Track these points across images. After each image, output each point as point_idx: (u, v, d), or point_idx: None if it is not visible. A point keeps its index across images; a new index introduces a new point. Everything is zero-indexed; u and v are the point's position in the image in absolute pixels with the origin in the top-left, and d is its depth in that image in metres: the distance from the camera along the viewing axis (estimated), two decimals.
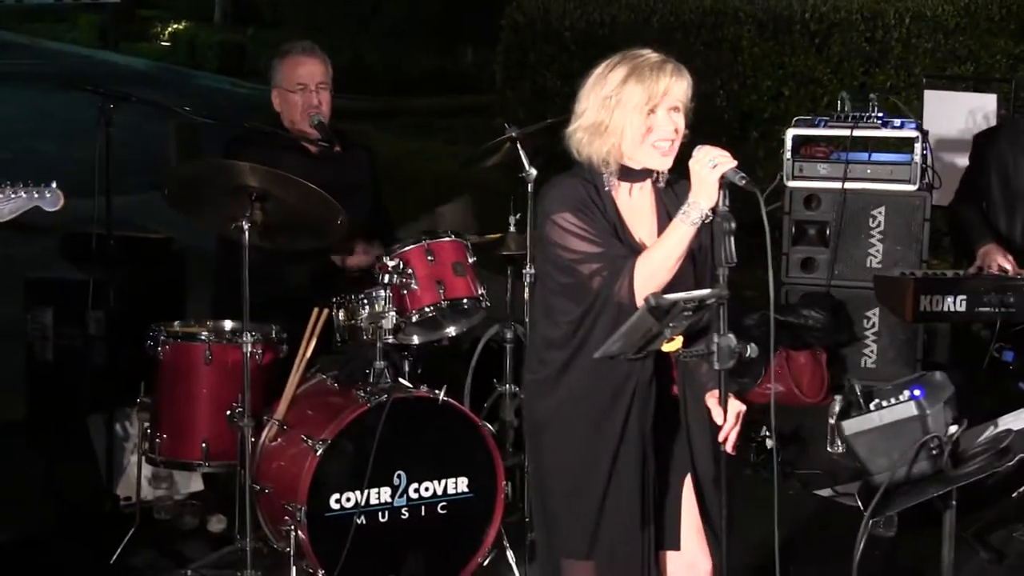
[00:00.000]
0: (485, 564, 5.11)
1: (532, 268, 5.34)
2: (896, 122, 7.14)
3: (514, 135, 5.47)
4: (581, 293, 3.79)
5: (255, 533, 5.02)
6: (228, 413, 5.10)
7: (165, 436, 5.23)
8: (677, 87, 3.75)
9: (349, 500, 4.91)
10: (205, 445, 5.17)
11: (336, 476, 4.90)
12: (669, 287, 3.66)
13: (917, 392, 4.06)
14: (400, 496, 4.99)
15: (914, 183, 7.05)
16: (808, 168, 7.18)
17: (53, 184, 4.51)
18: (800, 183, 7.20)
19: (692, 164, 3.63)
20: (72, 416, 5.90)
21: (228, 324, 5.36)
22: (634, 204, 3.86)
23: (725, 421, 3.70)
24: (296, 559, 4.87)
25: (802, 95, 10.43)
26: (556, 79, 11.35)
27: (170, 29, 22.74)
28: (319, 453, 4.84)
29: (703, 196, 3.61)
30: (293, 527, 4.84)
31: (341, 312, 5.18)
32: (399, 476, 4.98)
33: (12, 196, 4.45)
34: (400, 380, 5.13)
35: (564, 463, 3.90)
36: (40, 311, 6.21)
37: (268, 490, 5.01)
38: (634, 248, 3.78)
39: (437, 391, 5.01)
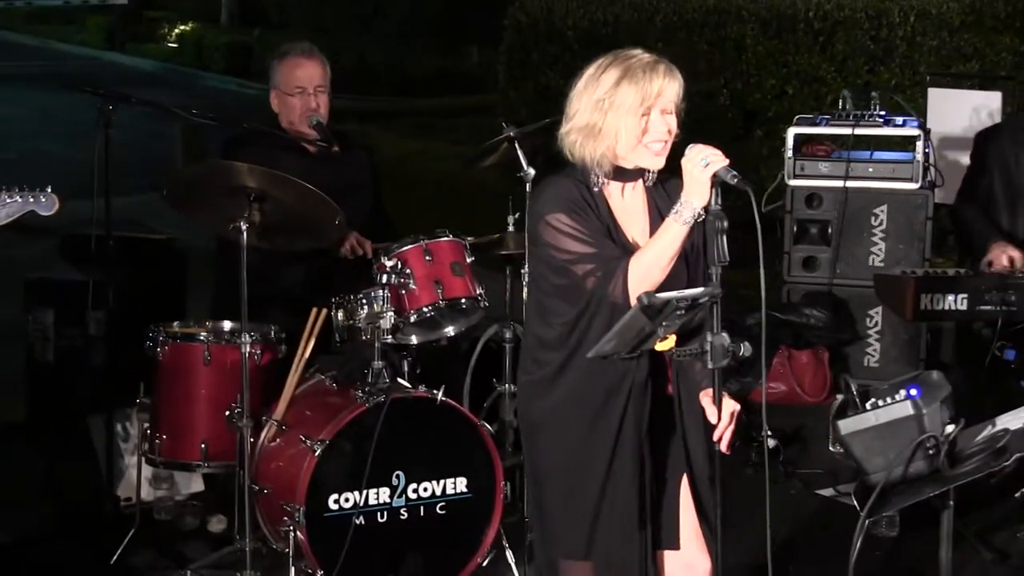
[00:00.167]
0: (484, 564, 5.09)
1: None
2: (898, 120, 7.13)
3: (512, 134, 5.47)
4: (575, 294, 3.77)
5: (254, 534, 5.02)
6: (227, 414, 5.10)
7: (164, 437, 5.24)
8: (670, 88, 3.74)
9: (348, 500, 4.90)
10: (204, 446, 5.18)
11: (335, 476, 4.89)
12: (662, 286, 3.65)
13: (913, 391, 4.05)
14: (399, 496, 4.98)
15: (916, 181, 7.04)
16: (809, 167, 7.17)
17: (48, 188, 4.51)
18: (801, 182, 7.19)
19: (684, 163, 3.62)
20: (73, 417, 5.90)
21: (227, 325, 5.36)
22: (627, 204, 3.85)
23: (719, 420, 3.69)
24: (295, 559, 4.86)
25: (806, 94, 10.39)
26: (559, 79, 11.31)
27: (177, 30, 22.76)
28: (317, 453, 4.84)
29: (695, 195, 3.60)
30: (292, 527, 4.84)
31: (340, 312, 5.17)
32: (398, 476, 4.97)
33: (8, 200, 4.45)
34: (398, 380, 5.12)
35: (560, 463, 3.89)
36: (41, 312, 6.21)
37: (267, 490, 5.00)
38: (627, 248, 3.76)
39: (435, 391, 5.00)
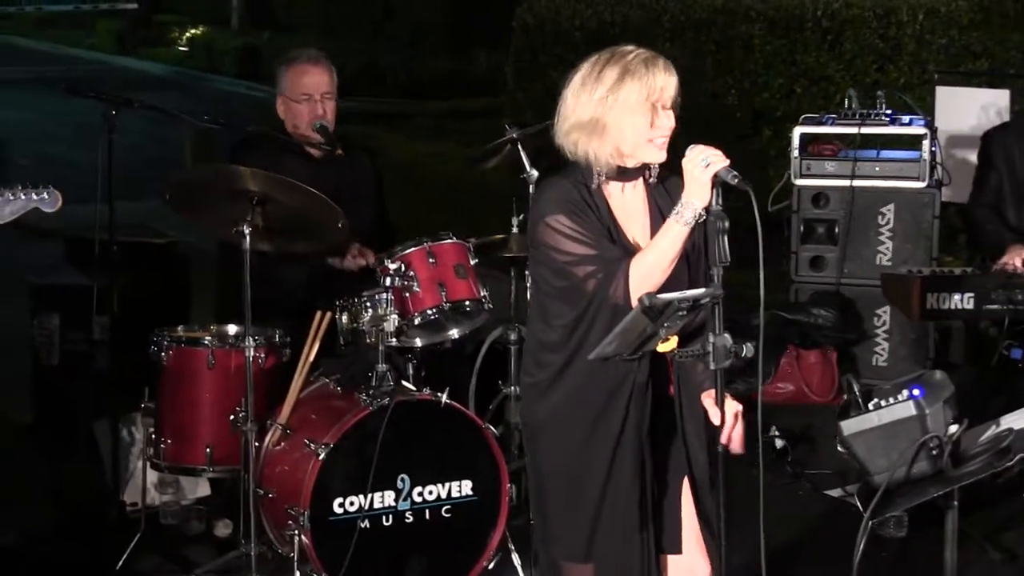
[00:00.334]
0: (490, 568, 5.07)
1: None
2: (904, 119, 7.11)
3: (514, 136, 5.46)
4: (576, 296, 3.76)
5: (260, 538, 5.01)
6: (231, 418, 5.09)
7: (169, 441, 5.22)
8: (670, 83, 3.74)
9: (353, 504, 4.89)
10: (209, 450, 5.16)
11: (339, 480, 4.88)
12: (664, 287, 3.63)
13: (916, 391, 4.03)
14: (404, 500, 4.97)
15: (923, 180, 7.02)
16: (816, 166, 7.15)
17: (51, 186, 4.53)
18: (808, 181, 7.17)
19: (684, 163, 3.61)
20: (78, 421, 5.91)
21: (231, 328, 5.34)
22: (627, 203, 3.84)
23: (723, 422, 3.68)
24: (300, 564, 4.85)
25: (814, 93, 10.36)
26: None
27: (187, 34, 22.76)
28: (322, 457, 4.83)
29: (696, 195, 3.58)
30: (297, 532, 4.83)
31: (344, 315, 5.16)
32: (402, 480, 4.96)
33: (11, 198, 4.48)
34: (403, 383, 5.11)
35: (561, 465, 3.88)
36: (46, 316, 6.21)
37: (272, 495, 4.99)
38: (628, 249, 3.75)
39: (440, 394, 4.99)
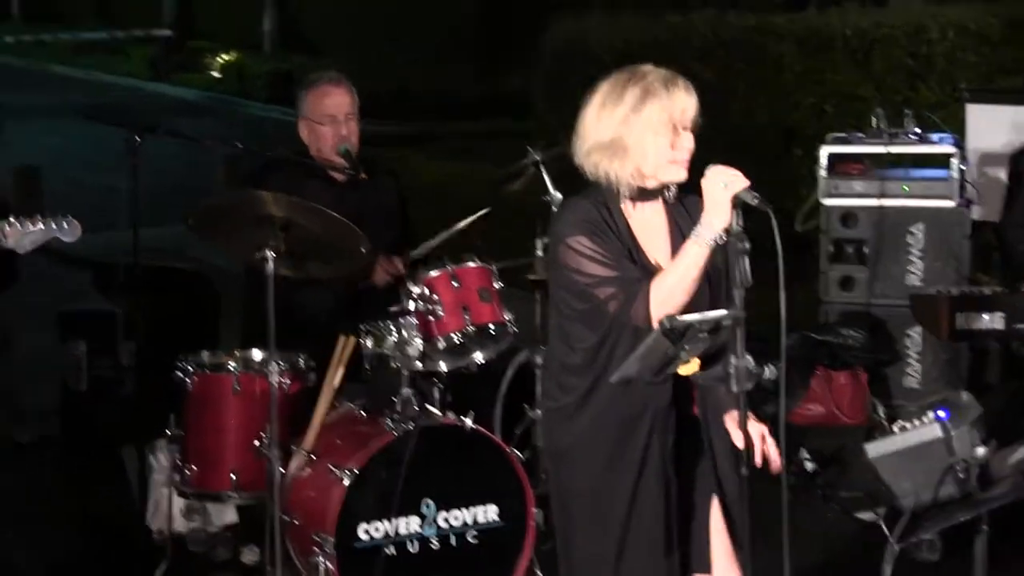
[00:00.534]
0: None
1: None
2: (933, 137, 7.06)
3: (537, 158, 5.44)
4: (597, 319, 3.74)
5: (285, 565, 4.98)
6: (256, 443, 5.08)
7: (194, 467, 5.20)
8: (690, 104, 3.73)
9: (378, 530, 4.87)
10: (234, 476, 5.13)
11: (364, 506, 4.85)
12: (685, 309, 3.61)
13: (941, 413, 3.98)
14: (429, 525, 4.94)
15: (953, 199, 6.96)
16: (844, 186, 7.10)
17: (69, 215, 4.53)
18: (836, 201, 7.11)
19: (704, 184, 3.59)
20: (106, 447, 5.91)
21: (257, 354, 5.33)
22: (647, 223, 3.82)
23: (748, 445, 3.64)
24: None
25: (845, 112, 10.32)
26: None
27: (220, 60, 22.87)
28: (347, 483, 4.81)
29: (716, 216, 3.56)
30: (322, 558, 4.81)
31: (369, 339, 5.15)
32: (427, 505, 4.94)
33: (31, 228, 4.48)
34: (428, 408, 5.09)
35: (586, 489, 3.85)
36: (74, 343, 6.23)
37: (297, 521, 4.97)
38: (649, 270, 3.73)
39: (464, 418, 4.97)
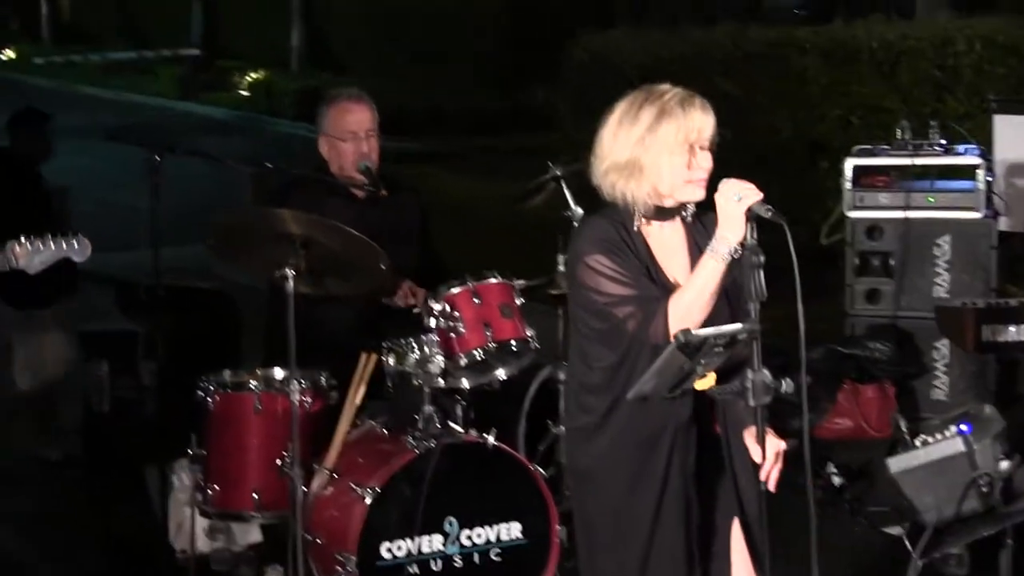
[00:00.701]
0: None
1: None
2: (959, 148, 7.01)
3: (558, 173, 5.42)
4: (616, 338, 3.72)
5: None
6: (278, 462, 5.06)
7: (216, 487, 5.19)
8: (707, 123, 3.72)
9: (400, 548, 4.85)
10: (256, 496, 5.12)
11: (387, 524, 4.83)
12: (703, 324, 3.58)
13: (964, 427, 3.94)
14: (452, 543, 4.92)
15: (979, 210, 6.91)
16: (869, 198, 7.06)
17: (79, 234, 4.53)
18: (861, 213, 7.08)
19: (717, 198, 3.58)
20: (129, 467, 5.91)
21: (278, 373, 5.31)
22: (666, 242, 3.80)
23: (764, 459, 3.61)
24: None
25: (872, 124, 10.26)
26: None
27: (248, 78, 22.95)
28: (369, 501, 4.79)
29: (730, 230, 3.55)
30: None
31: (391, 357, 5.13)
32: (450, 523, 4.91)
33: (41, 248, 4.47)
34: (450, 425, 5.07)
35: (608, 508, 3.83)
36: (96, 363, 6.24)
37: (319, 540, 4.95)
38: (667, 288, 3.71)
39: (486, 435, 4.95)
